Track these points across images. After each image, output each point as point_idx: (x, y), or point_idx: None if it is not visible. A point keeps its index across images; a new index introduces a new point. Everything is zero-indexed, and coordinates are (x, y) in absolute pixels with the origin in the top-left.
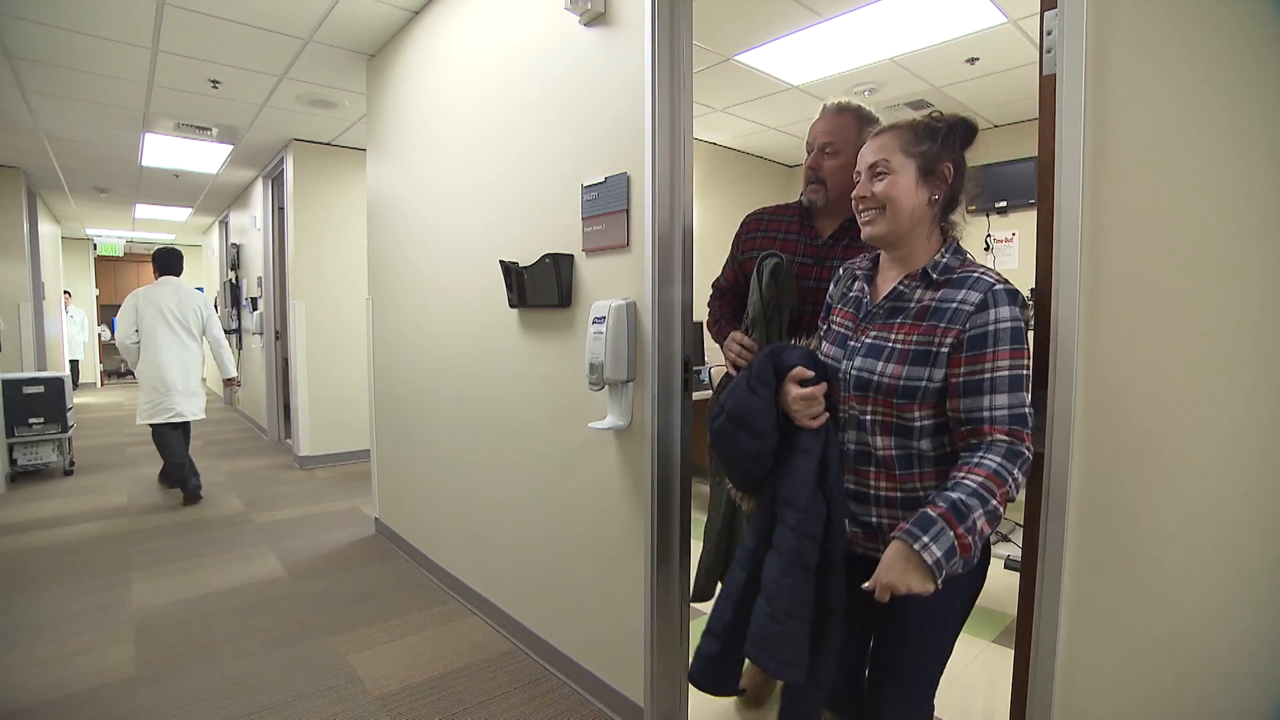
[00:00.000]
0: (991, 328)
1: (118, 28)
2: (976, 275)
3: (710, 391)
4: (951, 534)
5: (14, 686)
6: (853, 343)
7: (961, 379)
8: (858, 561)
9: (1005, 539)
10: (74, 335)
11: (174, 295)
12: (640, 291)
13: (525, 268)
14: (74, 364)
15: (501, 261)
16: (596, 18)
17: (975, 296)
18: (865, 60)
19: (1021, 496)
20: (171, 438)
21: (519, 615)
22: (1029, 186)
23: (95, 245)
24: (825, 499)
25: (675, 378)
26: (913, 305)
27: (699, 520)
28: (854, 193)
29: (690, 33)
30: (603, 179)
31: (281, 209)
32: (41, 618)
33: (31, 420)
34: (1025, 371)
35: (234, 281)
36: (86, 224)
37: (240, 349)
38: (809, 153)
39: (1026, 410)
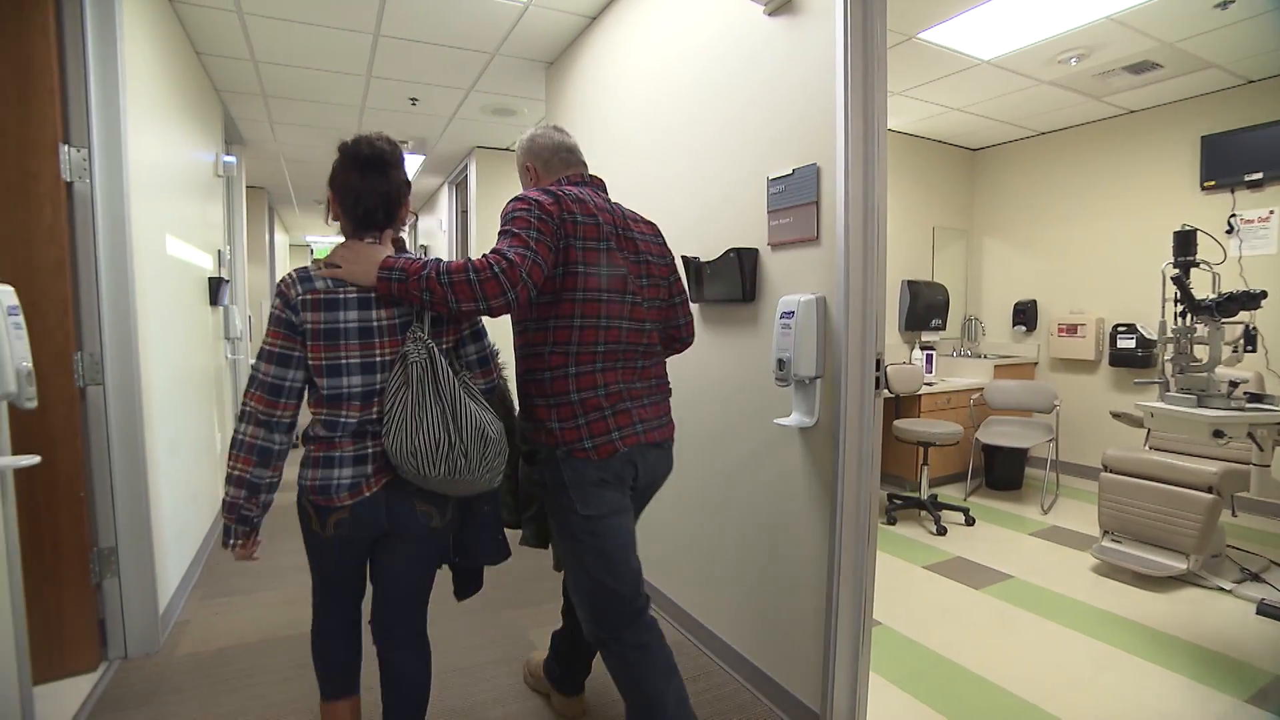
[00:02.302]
0: None
1: (342, 61)
2: None
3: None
4: None
5: (259, 620)
6: None
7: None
8: None
9: (1255, 578)
10: None
11: None
12: (830, 286)
13: (707, 262)
14: None
15: (683, 257)
16: (782, 6)
17: None
18: (1075, 22)
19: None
20: None
21: (689, 607)
22: None
23: (311, 250)
24: None
25: (868, 375)
26: None
27: (884, 530)
28: None
29: (885, 14)
30: (790, 171)
31: (465, 212)
32: (281, 565)
33: None
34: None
35: None
36: (306, 232)
37: None
38: None
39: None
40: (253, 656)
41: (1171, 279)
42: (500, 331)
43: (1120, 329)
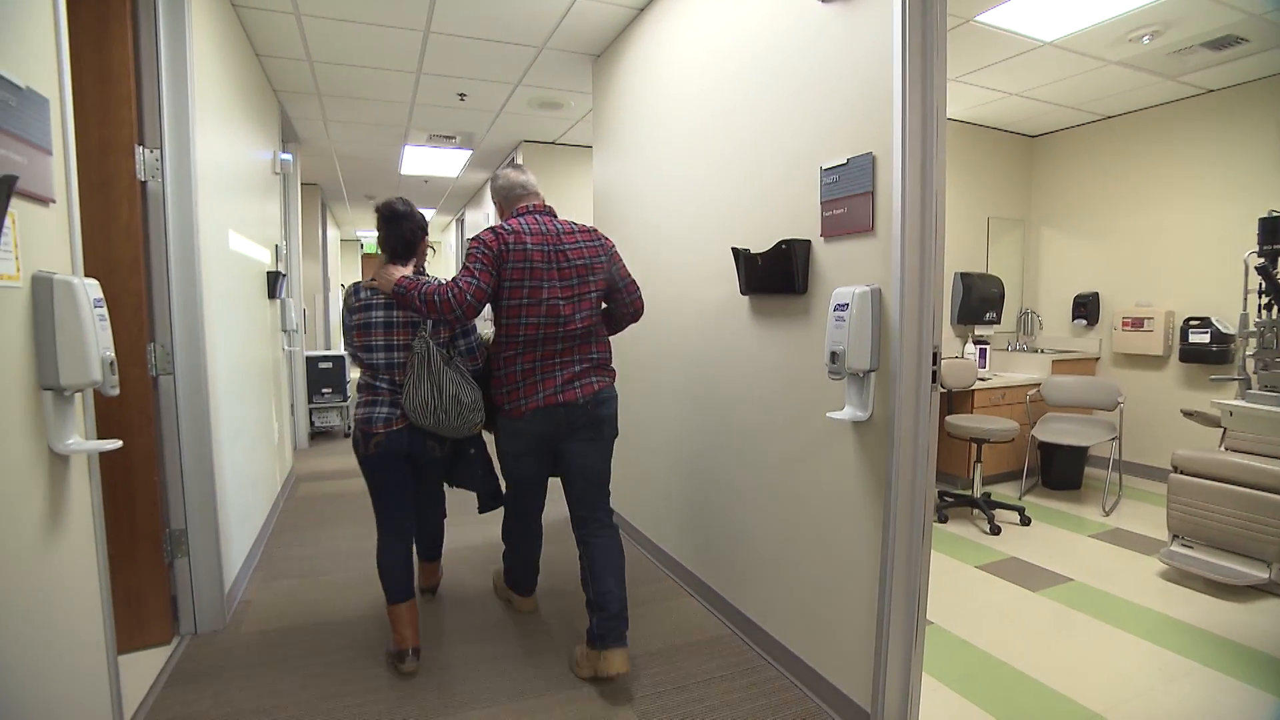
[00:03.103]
0: None
1: (394, 58)
2: None
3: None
4: None
5: (316, 603)
6: None
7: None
8: None
9: None
10: None
11: None
12: (886, 277)
13: (758, 254)
14: None
15: (733, 248)
16: None
17: None
18: None
19: None
20: None
21: (736, 601)
22: None
23: (362, 244)
24: None
25: (924, 368)
26: None
27: (934, 528)
28: None
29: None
30: (844, 161)
31: None
32: (335, 551)
33: (323, 390)
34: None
35: None
36: (356, 228)
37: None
38: None
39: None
40: (311, 637)
41: (1256, 269)
42: None
43: (1192, 323)
